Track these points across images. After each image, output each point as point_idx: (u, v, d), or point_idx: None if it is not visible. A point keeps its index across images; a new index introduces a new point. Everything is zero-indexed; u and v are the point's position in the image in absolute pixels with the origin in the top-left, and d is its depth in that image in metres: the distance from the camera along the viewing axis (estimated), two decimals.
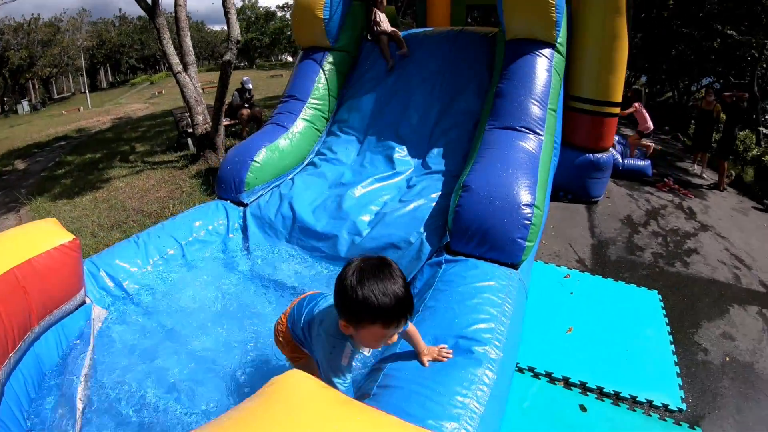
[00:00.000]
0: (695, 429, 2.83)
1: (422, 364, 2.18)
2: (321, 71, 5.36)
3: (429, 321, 2.59)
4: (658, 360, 3.38)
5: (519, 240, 3.19)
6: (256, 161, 4.48)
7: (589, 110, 5.97)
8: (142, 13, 8.68)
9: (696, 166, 9.35)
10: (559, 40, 4.47)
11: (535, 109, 4.06)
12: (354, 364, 2.07)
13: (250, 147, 4.65)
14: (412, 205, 3.95)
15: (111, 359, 2.84)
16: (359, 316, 1.63)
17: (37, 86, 44.52)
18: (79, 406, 2.41)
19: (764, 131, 10.53)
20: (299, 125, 5.02)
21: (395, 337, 1.77)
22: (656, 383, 3.15)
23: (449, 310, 2.63)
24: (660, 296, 4.20)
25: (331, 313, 1.86)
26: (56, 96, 45.79)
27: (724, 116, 9.21)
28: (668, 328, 3.74)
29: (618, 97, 6.05)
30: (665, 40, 14.88)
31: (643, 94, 17.64)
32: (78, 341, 2.87)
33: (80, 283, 2.96)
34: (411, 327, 2.14)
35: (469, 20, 11.29)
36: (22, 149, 14.48)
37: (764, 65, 11.70)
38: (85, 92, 36.95)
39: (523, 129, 3.94)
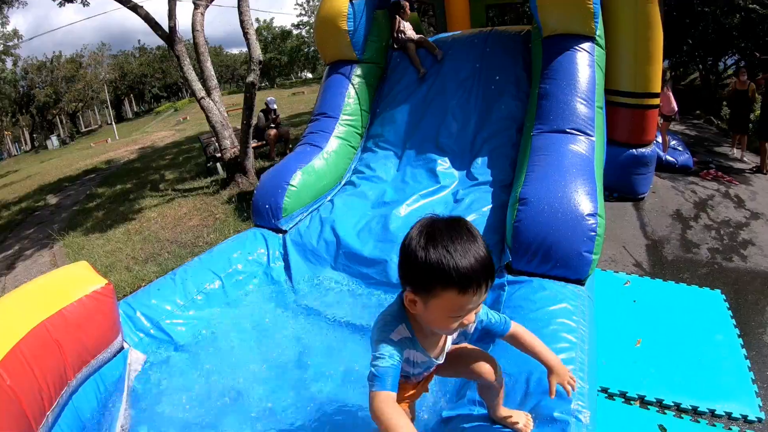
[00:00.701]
0: None
1: (549, 387, 1.74)
2: (350, 85, 5.21)
3: (503, 356, 2.33)
4: (731, 367, 3.15)
5: (585, 254, 2.96)
6: (292, 185, 4.32)
7: (629, 104, 5.71)
8: (160, 42, 8.74)
9: (735, 150, 8.95)
10: (598, 33, 4.23)
11: (583, 109, 3.84)
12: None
13: (284, 170, 4.49)
14: None
15: (150, 408, 2.64)
16: (430, 281, 1.34)
17: (64, 121, 46.09)
18: None
19: None
20: (333, 143, 4.86)
21: (472, 317, 1.47)
22: (732, 393, 2.93)
23: None
24: (724, 296, 3.96)
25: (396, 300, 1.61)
26: (84, 129, 47.35)
27: (759, 96, 8.82)
28: (737, 331, 3.50)
29: (657, 88, 5.78)
30: (686, 20, 14.44)
31: (669, 76, 17.20)
32: (115, 389, 2.71)
33: (116, 329, 2.80)
34: (517, 327, 1.79)
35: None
36: (54, 184, 14.73)
37: None
38: (111, 124, 38.03)
39: (574, 131, 3.72)
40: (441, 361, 1.76)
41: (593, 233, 3.00)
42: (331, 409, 2.51)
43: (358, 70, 5.30)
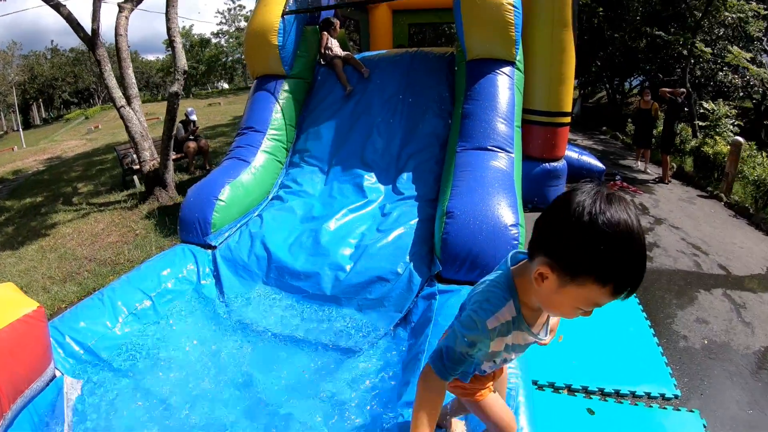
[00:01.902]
0: (693, 411, 2.96)
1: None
2: (277, 100, 5.23)
3: None
4: (646, 353, 3.51)
5: None
6: (220, 199, 4.28)
7: (542, 122, 6.14)
8: (74, 44, 8.36)
9: (639, 163, 9.76)
10: (518, 58, 4.56)
11: (503, 128, 4.12)
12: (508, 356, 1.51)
13: (212, 184, 4.44)
14: (392, 235, 3.86)
15: None
16: (590, 268, 1.06)
17: None
18: None
19: (699, 124, 11.13)
20: (261, 158, 4.85)
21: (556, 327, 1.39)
22: (649, 375, 3.26)
23: None
24: (634, 293, 4.30)
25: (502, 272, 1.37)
26: None
27: (662, 114, 9.68)
28: (648, 322, 3.89)
29: (568, 107, 6.27)
30: (595, 44, 15.61)
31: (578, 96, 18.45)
32: (52, 420, 2.55)
33: (49, 355, 2.66)
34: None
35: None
36: None
37: (692, 61, 12.40)
38: (18, 130, 35.09)
39: (495, 148, 3.98)
40: (544, 338, 1.45)
41: (516, 242, 3.25)
42: (275, 422, 2.53)
43: (285, 85, 5.33)
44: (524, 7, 4.52)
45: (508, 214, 3.33)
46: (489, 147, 3.97)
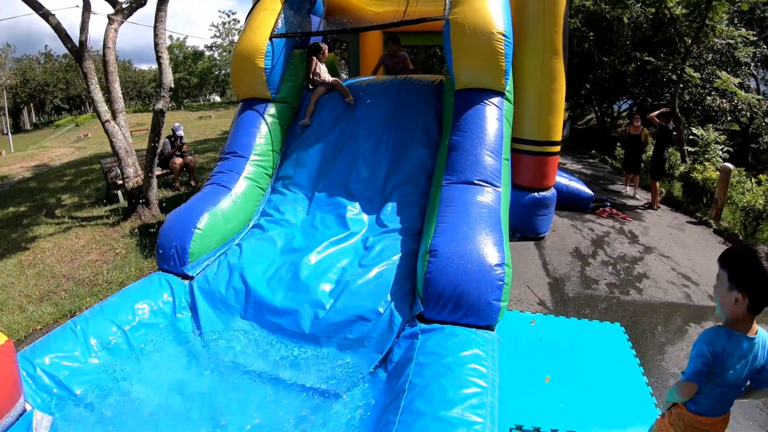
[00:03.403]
0: None
1: None
2: (262, 124, 5.11)
3: (419, 399, 2.50)
4: (635, 394, 3.43)
5: (494, 302, 3.13)
6: (198, 228, 4.13)
7: (531, 151, 6.09)
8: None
9: (628, 188, 9.79)
10: (507, 88, 4.49)
11: (491, 161, 4.03)
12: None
13: (190, 212, 4.29)
14: (374, 271, 3.75)
15: None
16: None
17: None
18: None
19: (688, 149, 11.18)
20: (242, 185, 4.71)
21: None
22: (638, 418, 3.17)
23: (438, 386, 2.54)
24: (623, 328, 4.29)
25: None
26: None
27: (652, 139, 9.71)
28: (637, 360, 3.81)
29: (558, 136, 6.22)
30: (585, 67, 15.72)
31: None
32: None
33: (19, 390, 2.57)
34: None
35: None
36: None
37: (681, 86, 12.49)
38: (7, 134, 34.84)
39: (481, 183, 3.89)
40: None
41: (501, 282, 3.16)
42: None
43: (271, 109, 5.23)
44: (514, 35, 4.47)
45: (494, 254, 3.24)
46: (475, 181, 3.88)
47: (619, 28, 14.28)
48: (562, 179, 7.67)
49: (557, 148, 6.28)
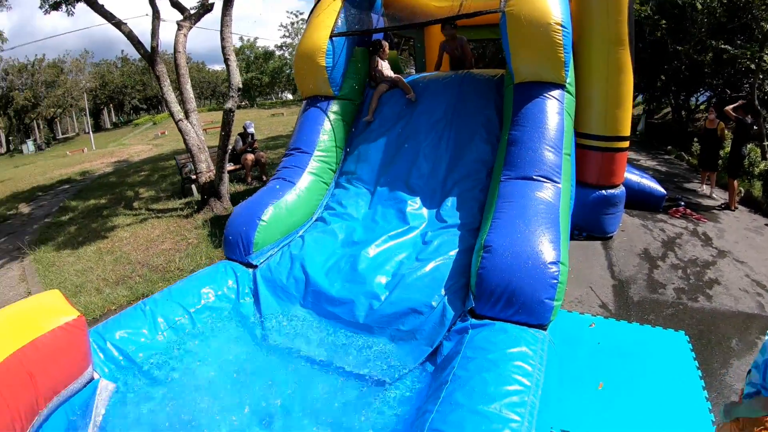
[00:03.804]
0: None
1: None
2: (325, 121, 5.26)
3: (460, 391, 2.50)
4: (693, 409, 3.24)
5: (547, 300, 3.06)
6: (263, 220, 4.36)
7: (598, 146, 5.84)
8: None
9: (704, 186, 9.19)
10: (568, 80, 4.37)
11: (551, 156, 3.94)
12: None
13: (256, 205, 4.53)
14: (430, 265, 3.79)
15: None
16: None
17: (41, 126, 45.28)
18: None
19: None
20: (306, 179, 4.90)
21: None
22: None
23: (480, 380, 2.53)
24: (687, 337, 4.07)
25: None
26: (60, 136, 46.56)
27: (729, 133, 9.09)
28: (699, 372, 3.60)
29: (626, 131, 5.92)
30: (659, 58, 14.88)
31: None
32: (83, 418, 2.77)
33: (87, 360, 2.87)
34: None
35: None
36: (27, 192, 14.46)
37: (761, 76, 11.58)
38: (89, 133, 37.43)
39: (540, 178, 3.82)
40: None
41: (555, 281, 3.09)
42: None
43: (334, 107, 5.36)
44: (577, 26, 4.33)
45: (549, 251, 3.18)
46: (534, 177, 3.82)
47: (692, 15, 13.40)
48: (633, 176, 7.34)
49: (626, 144, 6.00)
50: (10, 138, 41.48)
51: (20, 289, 6.38)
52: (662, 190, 7.65)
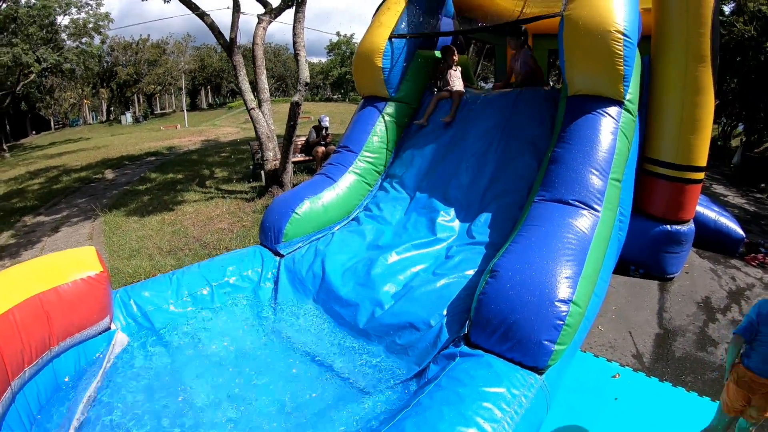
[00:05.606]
0: None
1: None
2: (378, 122, 5.25)
3: (411, 419, 2.34)
4: None
5: (546, 342, 2.72)
6: (296, 213, 4.45)
7: (667, 175, 5.26)
8: (241, 43, 9.15)
9: None
10: (628, 97, 3.92)
11: (594, 180, 3.56)
12: None
13: (293, 197, 4.63)
14: (442, 282, 3.64)
15: (122, 385, 3.03)
16: None
17: (141, 100, 49.05)
18: (75, 423, 2.57)
19: None
20: (348, 179, 4.94)
21: None
22: None
23: (436, 413, 2.32)
24: None
25: None
26: (158, 111, 50.05)
27: None
28: None
29: (702, 161, 5.25)
30: (763, 83, 13.46)
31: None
32: (95, 362, 3.11)
33: (105, 311, 3.20)
34: None
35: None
36: (115, 160, 15.74)
37: None
38: (184, 111, 39.95)
39: (577, 203, 3.46)
40: None
41: (560, 322, 2.74)
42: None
43: (389, 108, 5.34)
44: (655, 38, 3.86)
45: (562, 287, 2.84)
46: (570, 201, 3.49)
47: None
48: (710, 213, 6.65)
49: (700, 175, 5.36)
50: (111, 108, 45.23)
51: (85, 246, 6.99)
52: (741, 232, 6.87)
